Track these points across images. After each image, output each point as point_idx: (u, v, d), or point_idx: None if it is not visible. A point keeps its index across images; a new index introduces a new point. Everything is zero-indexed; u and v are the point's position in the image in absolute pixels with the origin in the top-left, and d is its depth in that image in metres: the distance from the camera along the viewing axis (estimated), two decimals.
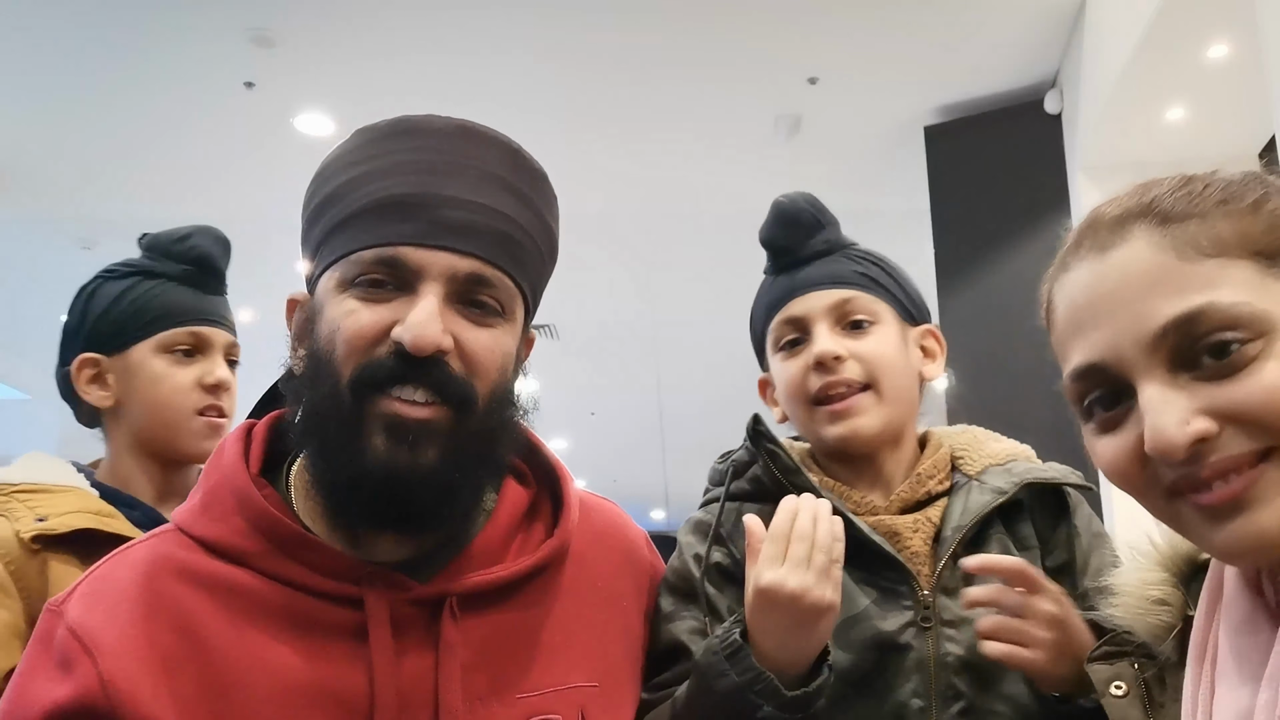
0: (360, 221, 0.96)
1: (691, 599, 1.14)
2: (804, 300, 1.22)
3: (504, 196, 1.00)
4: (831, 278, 1.22)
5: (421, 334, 0.91)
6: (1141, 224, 0.74)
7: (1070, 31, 4.42)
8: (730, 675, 0.99)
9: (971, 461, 1.22)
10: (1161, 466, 0.71)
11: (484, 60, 4.60)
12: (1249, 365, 0.68)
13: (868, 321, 1.21)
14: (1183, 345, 0.70)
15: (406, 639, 0.94)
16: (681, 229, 6.23)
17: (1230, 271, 0.71)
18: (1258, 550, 0.70)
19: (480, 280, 0.97)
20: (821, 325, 1.20)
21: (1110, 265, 0.74)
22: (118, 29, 4.38)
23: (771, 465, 1.18)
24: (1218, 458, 0.69)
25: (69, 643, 0.90)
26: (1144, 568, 0.87)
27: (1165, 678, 0.82)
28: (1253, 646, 0.72)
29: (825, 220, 1.27)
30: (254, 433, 1.05)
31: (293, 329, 1.04)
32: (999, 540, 1.15)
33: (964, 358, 4.25)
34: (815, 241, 1.24)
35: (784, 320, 1.23)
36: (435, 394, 0.94)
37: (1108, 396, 0.74)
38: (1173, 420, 0.69)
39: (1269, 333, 0.69)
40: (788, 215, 1.26)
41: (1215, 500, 0.69)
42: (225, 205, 5.77)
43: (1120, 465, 0.74)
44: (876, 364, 1.19)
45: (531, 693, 0.98)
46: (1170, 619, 0.84)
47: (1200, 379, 0.69)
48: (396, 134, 1.00)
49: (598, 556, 1.11)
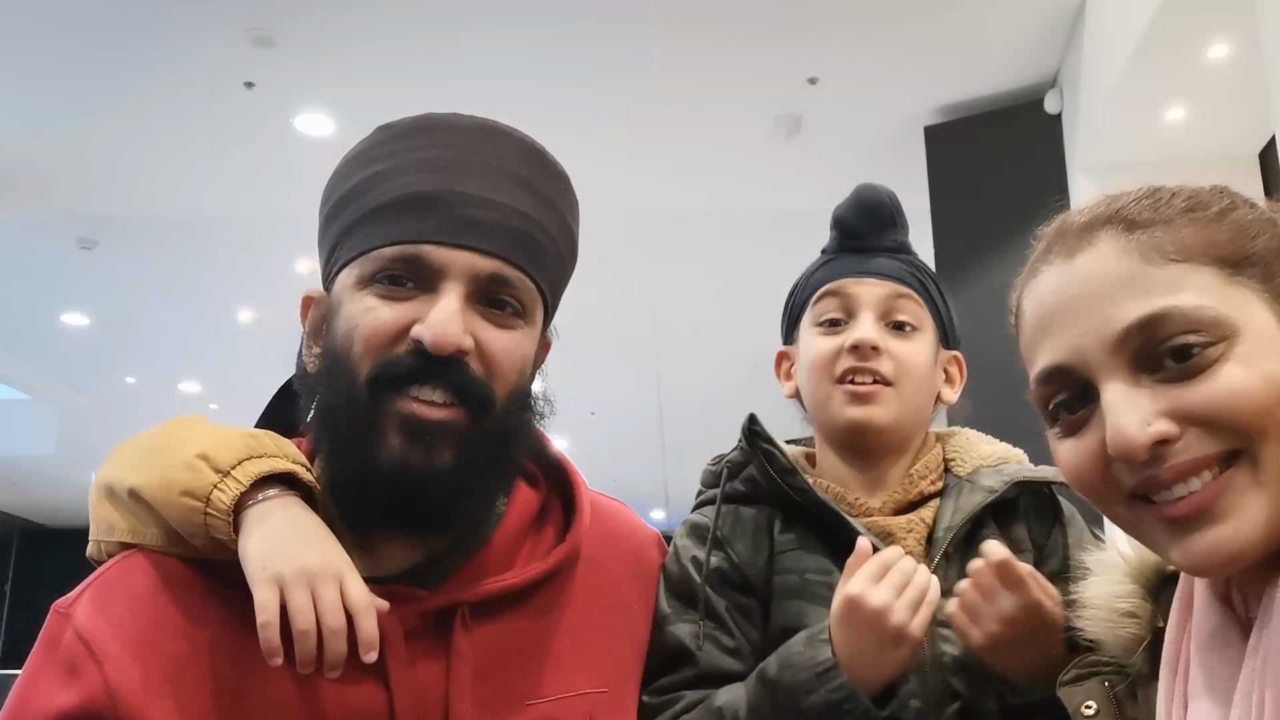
0: (381, 218, 0.95)
1: (691, 603, 1.13)
2: (859, 284, 1.22)
3: (526, 196, 0.98)
4: (890, 273, 1.23)
5: (443, 333, 0.90)
6: (1108, 230, 0.75)
7: (1070, 31, 4.42)
8: (820, 692, 0.99)
9: (963, 463, 1.22)
10: (1122, 469, 0.72)
11: (484, 61, 4.60)
12: (1210, 368, 0.69)
13: (911, 326, 1.22)
14: (1145, 347, 0.70)
15: (418, 650, 0.93)
16: (681, 229, 6.22)
17: (1193, 276, 0.71)
18: (1221, 564, 0.70)
19: (502, 280, 0.96)
20: (868, 314, 1.20)
21: (1076, 269, 0.75)
22: (117, 29, 4.38)
23: (768, 465, 1.18)
24: (1178, 460, 0.69)
25: (76, 648, 0.88)
26: (1112, 580, 0.87)
27: (1137, 691, 0.82)
28: (1223, 661, 0.71)
29: (901, 221, 1.28)
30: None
31: (307, 326, 1.03)
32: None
33: (963, 358, 4.25)
34: (885, 236, 1.25)
35: (832, 294, 1.23)
36: (454, 394, 0.92)
37: (1072, 400, 0.75)
38: (1134, 421, 0.69)
39: (1230, 337, 0.69)
40: (869, 203, 1.25)
41: (1180, 512, 0.69)
42: (225, 205, 5.78)
43: (1082, 468, 0.74)
44: (907, 368, 1.19)
45: (541, 700, 0.97)
46: (1139, 631, 0.84)
47: (1162, 381, 0.70)
48: (418, 131, 0.99)
49: (608, 559, 1.10)
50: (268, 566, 0.86)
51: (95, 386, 9.52)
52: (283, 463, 0.94)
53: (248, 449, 0.94)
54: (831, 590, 1.08)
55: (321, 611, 0.85)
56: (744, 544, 1.16)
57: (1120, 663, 0.84)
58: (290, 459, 0.96)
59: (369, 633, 0.86)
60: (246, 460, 0.92)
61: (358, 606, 0.86)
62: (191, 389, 9.53)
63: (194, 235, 6.25)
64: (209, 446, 0.93)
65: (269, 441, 0.96)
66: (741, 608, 1.14)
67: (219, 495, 0.89)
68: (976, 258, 4.60)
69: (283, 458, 0.95)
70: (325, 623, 0.85)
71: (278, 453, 0.95)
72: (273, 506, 0.91)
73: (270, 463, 0.93)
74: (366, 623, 0.86)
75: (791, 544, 1.16)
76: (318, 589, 0.86)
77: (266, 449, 0.95)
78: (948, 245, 4.75)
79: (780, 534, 1.16)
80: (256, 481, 0.92)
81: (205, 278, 6.83)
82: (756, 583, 1.15)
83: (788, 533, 1.16)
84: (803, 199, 4.62)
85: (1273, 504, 0.68)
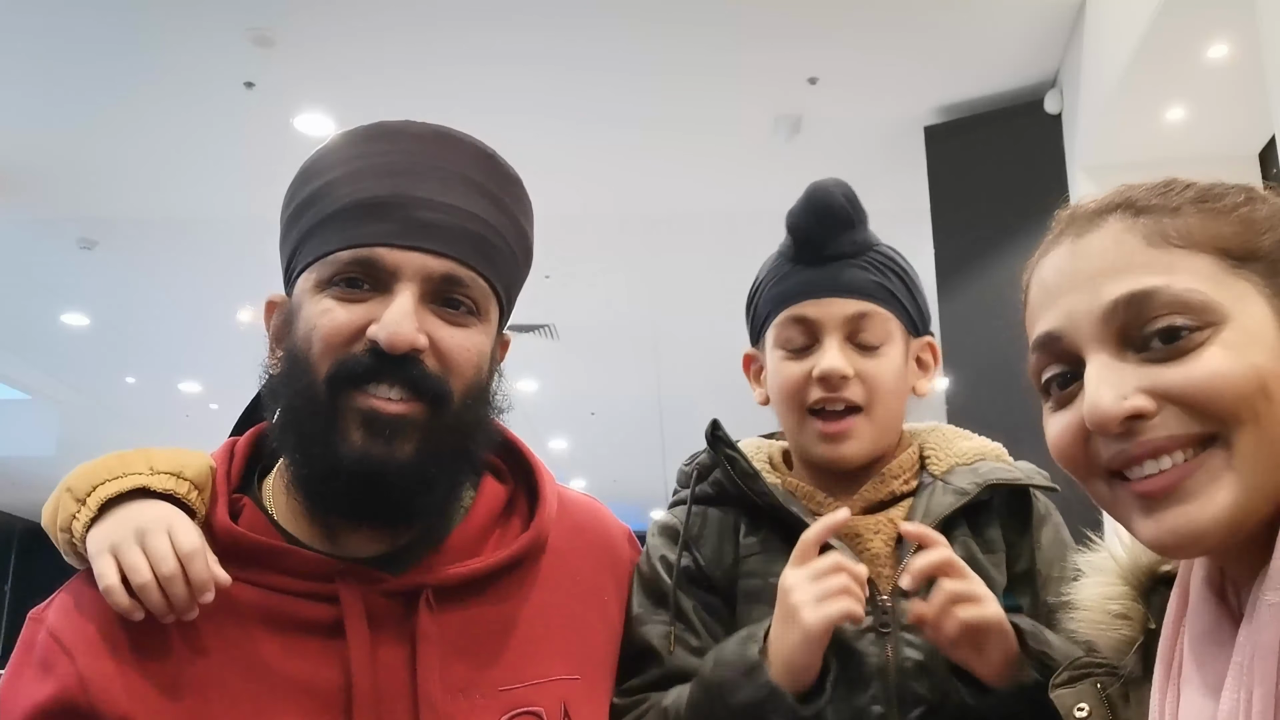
0: (336, 223, 0.98)
1: (661, 603, 1.14)
2: (821, 305, 1.17)
3: (477, 199, 1.01)
4: (852, 287, 1.17)
5: (396, 332, 0.93)
6: (1117, 213, 0.76)
7: (1070, 31, 4.42)
8: (746, 689, 0.99)
9: (938, 461, 1.20)
10: (1101, 443, 0.73)
11: (484, 61, 4.60)
12: (1194, 350, 0.70)
13: (878, 344, 1.17)
14: (1132, 324, 0.71)
15: (382, 632, 0.96)
16: (682, 229, 6.23)
17: (1191, 261, 0.72)
18: (1190, 541, 0.70)
19: (454, 280, 0.98)
20: (833, 338, 1.16)
21: (1080, 247, 0.76)
22: (117, 29, 4.38)
23: (730, 470, 1.18)
24: (1150, 436, 0.70)
25: (48, 645, 0.92)
26: (1104, 581, 0.87)
27: (1129, 693, 0.82)
28: (1216, 654, 0.72)
29: (858, 217, 1.19)
30: (237, 448, 1.07)
31: (270, 330, 1.05)
32: (963, 543, 1.12)
33: (963, 358, 4.26)
34: (844, 240, 1.17)
35: (794, 318, 1.18)
36: (410, 391, 0.95)
37: (1064, 376, 0.76)
38: (1111, 393, 0.70)
39: (1218, 323, 0.70)
40: (821, 206, 1.17)
41: (1150, 490, 0.70)
42: (225, 205, 5.78)
43: (1064, 442, 0.75)
44: (877, 388, 1.16)
45: (513, 685, 0.99)
46: (1131, 633, 0.84)
47: (1147, 360, 0.71)
48: (372, 138, 1.02)
49: (577, 550, 1.12)
50: (100, 541, 0.92)
51: (95, 386, 9.53)
52: (134, 479, 0.96)
53: (107, 471, 0.97)
54: None
55: (154, 561, 0.90)
56: (711, 545, 1.17)
57: (1112, 665, 0.84)
58: (164, 471, 0.98)
59: (198, 575, 0.91)
60: (100, 485, 0.96)
61: (185, 550, 0.91)
62: (191, 389, 9.54)
63: (194, 235, 6.26)
64: (75, 477, 0.98)
65: (137, 459, 0.99)
66: (709, 607, 1.14)
67: (77, 524, 0.95)
68: (976, 258, 4.61)
69: (142, 473, 0.97)
70: (159, 570, 0.90)
71: (140, 469, 0.98)
72: (121, 511, 0.95)
73: (116, 484, 0.96)
74: (195, 566, 0.91)
75: (755, 548, 1.15)
76: (147, 542, 0.91)
77: (129, 468, 0.98)
78: (948, 245, 4.76)
79: (745, 537, 1.16)
80: (106, 503, 0.95)
81: (205, 278, 6.84)
82: (722, 584, 1.15)
83: (752, 536, 1.16)
84: None
85: (1243, 490, 0.69)
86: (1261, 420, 0.68)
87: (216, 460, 1.04)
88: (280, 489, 1.03)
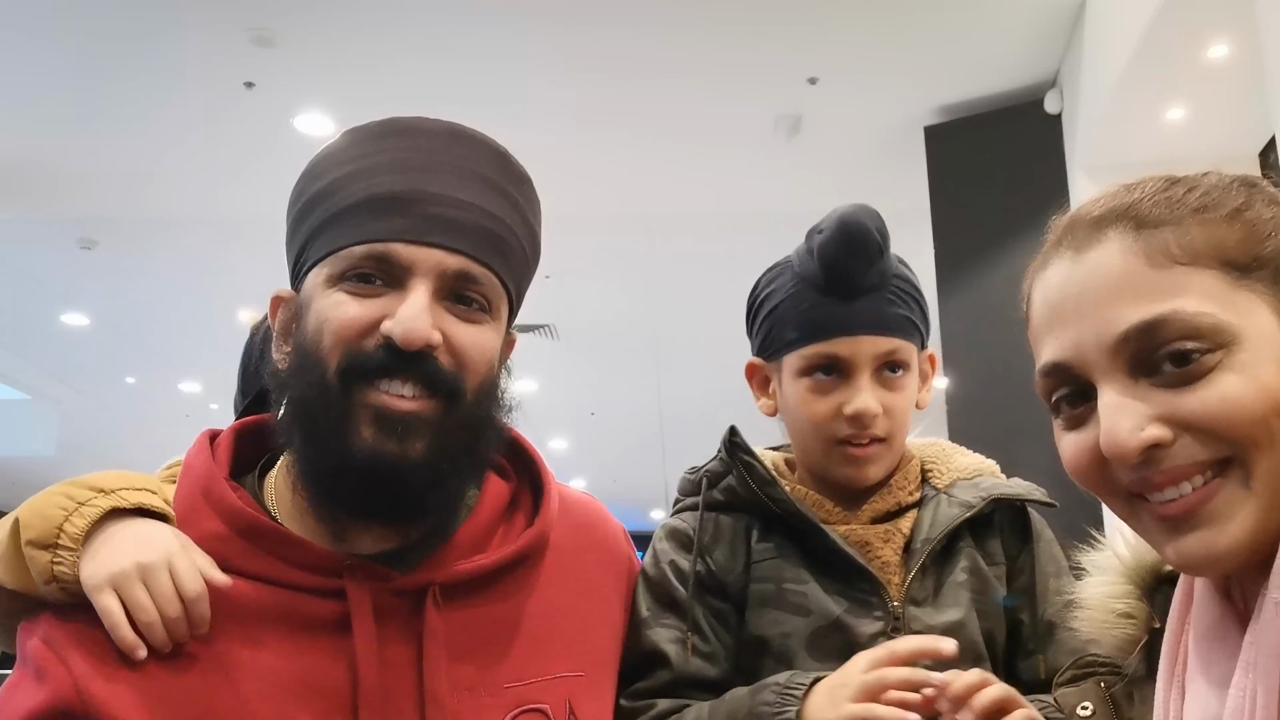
0: (350, 218, 0.97)
1: (670, 607, 1.15)
2: (854, 343, 1.16)
3: (492, 196, 1.01)
4: (882, 323, 1.18)
5: (411, 328, 0.92)
6: (1118, 227, 0.75)
7: (1070, 31, 4.42)
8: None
9: (940, 474, 1.22)
10: (1118, 468, 0.73)
11: (484, 62, 4.61)
12: (1207, 375, 0.69)
13: (902, 370, 1.19)
14: (1143, 351, 0.71)
15: (389, 629, 0.95)
16: (682, 229, 6.23)
17: (1197, 280, 0.71)
18: (1210, 564, 0.71)
19: (469, 277, 0.98)
20: (865, 376, 1.17)
21: (1083, 267, 0.75)
22: (118, 29, 4.38)
23: (748, 477, 1.18)
24: (1170, 465, 0.70)
25: (42, 652, 0.91)
26: (1108, 581, 0.87)
27: (1134, 692, 0.82)
28: (1221, 652, 0.72)
29: (887, 245, 1.19)
30: (219, 441, 1.06)
31: (277, 325, 1.04)
32: (967, 554, 1.16)
33: (964, 358, 4.25)
34: (873, 272, 1.17)
35: (825, 353, 1.17)
36: (424, 388, 0.95)
37: (1074, 395, 0.75)
38: (1127, 426, 0.70)
39: (1230, 344, 0.69)
40: (856, 241, 1.16)
41: (1171, 513, 0.71)
42: (225, 205, 5.78)
43: (1080, 463, 0.75)
44: (899, 418, 1.19)
45: (518, 682, 0.99)
46: (1135, 632, 0.84)
47: (1159, 385, 0.70)
48: (386, 134, 1.01)
49: (578, 548, 1.12)
50: (97, 574, 0.92)
51: (95, 386, 9.53)
52: (100, 502, 0.95)
53: (62, 510, 0.95)
54: (806, 599, 1.10)
55: (159, 602, 0.91)
56: (722, 551, 1.18)
57: (1116, 664, 0.85)
58: (128, 487, 0.97)
59: (200, 615, 0.92)
60: (65, 522, 0.94)
61: (188, 594, 0.91)
62: (191, 389, 9.54)
63: (194, 235, 6.26)
64: (30, 529, 0.94)
65: (78, 489, 0.97)
66: (718, 613, 1.15)
67: (61, 570, 0.93)
68: (976, 258, 4.61)
69: (106, 491, 0.96)
70: (164, 612, 0.91)
71: (100, 488, 0.96)
72: (101, 538, 0.94)
73: (86, 512, 0.95)
74: (197, 610, 0.92)
75: (769, 553, 1.17)
76: (150, 580, 0.91)
77: (78, 496, 0.96)
78: (948, 245, 4.76)
79: (758, 542, 1.17)
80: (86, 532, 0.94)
81: (205, 278, 6.84)
82: (732, 589, 1.16)
83: (765, 541, 1.17)
84: (803, 199, 4.62)
85: (1262, 512, 0.69)
86: (1277, 441, 0.68)
87: (194, 452, 1.03)
88: (285, 485, 1.02)
